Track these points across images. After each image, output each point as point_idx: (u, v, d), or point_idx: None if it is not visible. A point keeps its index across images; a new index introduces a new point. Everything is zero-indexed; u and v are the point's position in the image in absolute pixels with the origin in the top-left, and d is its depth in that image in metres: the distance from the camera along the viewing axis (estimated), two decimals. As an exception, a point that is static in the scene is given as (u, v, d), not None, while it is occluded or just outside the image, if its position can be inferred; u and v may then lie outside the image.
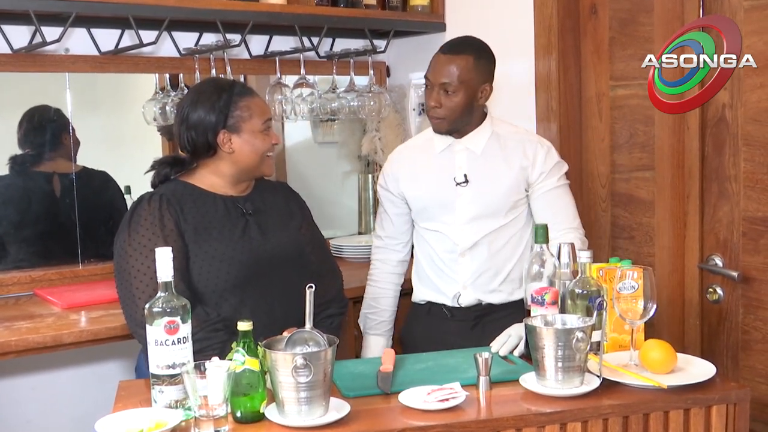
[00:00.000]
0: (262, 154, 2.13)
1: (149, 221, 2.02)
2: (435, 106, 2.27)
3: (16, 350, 2.22)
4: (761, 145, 2.28)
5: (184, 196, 2.09)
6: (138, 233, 2.01)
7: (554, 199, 2.32)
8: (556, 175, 2.33)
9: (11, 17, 2.56)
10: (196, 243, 2.05)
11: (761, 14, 2.25)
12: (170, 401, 1.69)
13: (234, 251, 2.06)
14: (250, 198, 2.18)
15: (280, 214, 2.22)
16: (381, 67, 3.48)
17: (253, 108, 2.12)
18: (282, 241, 2.16)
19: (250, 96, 2.14)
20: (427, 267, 2.39)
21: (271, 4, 2.86)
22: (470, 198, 2.30)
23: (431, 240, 2.37)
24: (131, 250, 2.00)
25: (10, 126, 2.80)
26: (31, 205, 2.82)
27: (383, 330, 2.47)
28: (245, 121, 2.09)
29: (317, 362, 1.59)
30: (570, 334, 1.72)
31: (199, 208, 2.09)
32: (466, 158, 2.33)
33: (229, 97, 2.10)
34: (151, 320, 1.68)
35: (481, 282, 2.32)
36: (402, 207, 2.43)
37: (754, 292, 2.33)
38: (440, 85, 2.25)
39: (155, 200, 2.06)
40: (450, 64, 2.24)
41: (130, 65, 2.91)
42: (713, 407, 1.77)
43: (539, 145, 2.34)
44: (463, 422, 1.65)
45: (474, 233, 2.30)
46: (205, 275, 2.04)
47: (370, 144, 3.43)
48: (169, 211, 2.04)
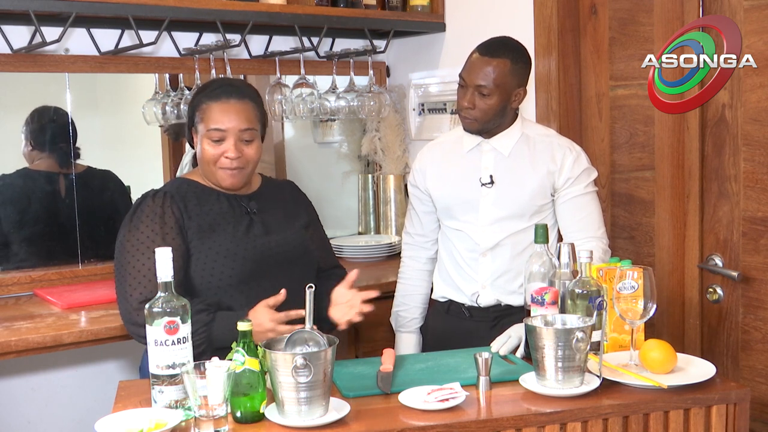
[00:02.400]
0: (209, 163, 2.06)
1: (150, 218, 2.02)
2: (468, 107, 2.24)
3: (16, 350, 2.22)
4: (761, 145, 2.28)
5: (188, 194, 2.09)
6: (138, 230, 2.02)
7: (580, 206, 2.28)
8: (584, 182, 2.29)
9: (11, 17, 2.56)
10: (200, 240, 2.04)
11: (761, 14, 2.25)
12: (170, 401, 1.69)
13: (238, 248, 2.06)
14: (254, 197, 2.18)
15: (285, 213, 2.21)
16: (381, 67, 3.48)
17: (208, 112, 2.05)
18: (286, 239, 2.15)
19: (216, 100, 2.05)
20: (449, 265, 2.39)
21: (271, 4, 2.86)
22: (494, 199, 2.29)
23: (454, 239, 2.37)
24: (129, 246, 2.01)
25: (10, 126, 2.80)
26: (31, 205, 2.82)
27: (414, 327, 2.48)
28: (199, 124, 2.08)
29: (317, 362, 1.59)
30: (570, 334, 1.72)
31: (203, 206, 2.08)
32: (493, 159, 2.31)
33: (200, 96, 2.10)
34: (151, 320, 1.68)
35: (501, 283, 2.31)
36: (429, 205, 2.42)
37: (754, 292, 2.33)
38: (475, 86, 2.22)
39: (159, 197, 2.06)
40: (487, 66, 2.21)
41: (130, 65, 2.91)
42: (713, 407, 1.77)
43: (568, 149, 2.30)
44: (463, 422, 1.65)
45: (496, 234, 2.29)
46: (209, 271, 2.03)
47: (370, 144, 3.43)
48: (172, 209, 2.04)
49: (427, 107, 3.40)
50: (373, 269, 3.04)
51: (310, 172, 3.48)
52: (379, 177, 3.49)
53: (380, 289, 2.80)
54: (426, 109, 3.40)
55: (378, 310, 2.77)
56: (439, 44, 3.29)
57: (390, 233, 3.44)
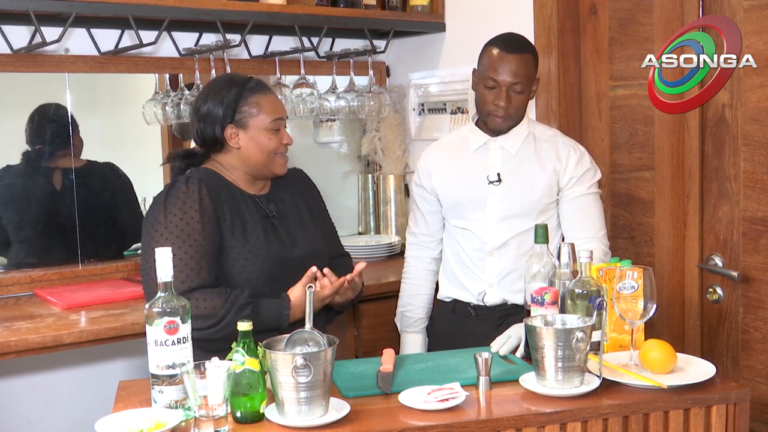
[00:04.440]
0: (270, 153, 2.10)
1: (188, 204, 1.99)
2: (506, 106, 2.23)
3: (16, 350, 2.22)
4: (761, 145, 2.28)
5: (219, 185, 2.08)
6: (173, 214, 1.98)
7: (582, 206, 2.29)
8: (587, 182, 2.30)
9: (11, 17, 2.56)
10: (232, 235, 2.04)
11: (761, 14, 2.25)
12: (170, 401, 1.69)
13: (269, 248, 2.07)
14: (271, 198, 2.17)
15: (300, 214, 2.21)
16: (381, 67, 3.48)
17: (263, 105, 2.09)
18: (305, 242, 2.16)
19: (261, 92, 2.11)
20: (454, 265, 2.39)
21: (271, 4, 2.86)
22: (501, 197, 2.30)
23: (460, 238, 2.37)
24: (162, 229, 1.97)
25: (10, 126, 2.80)
26: (31, 205, 2.82)
27: (420, 327, 2.48)
28: (252, 118, 2.08)
29: (317, 362, 1.59)
30: (570, 334, 1.72)
31: (233, 199, 2.08)
32: (500, 157, 2.32)
33: (240, 91, 2.08)
34: (151, 320, 1.68)
35: (507, 282, 2.31)
36: (434, 204, 2.43)
37: (754, 292, 2.33)
38: (510, 84, 2.22)
39: (193, 182, 2.03)
40: (520, 63, 2.22)
41: (129, 65, 2.91)
42: (713, 407, 1.77)
43: (573, 149, 2.32)
44: (463, 422, 1.65)
45: (503, 233, 2.30)
46: (239, 269, 2.03)
47: (370, 144, 3.43)
48: (210, 196, 2.02)
49: (427, 107, 3.40)
50: (373, 269, 3.03)
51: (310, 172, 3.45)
52: (379, 177, 3.49)
53: (380, 289, 2.81)
54: (426, 109, 3.40)
55: (378, 310, 2.80)
56: (439, 44, 3.29)
57: (390, 233, 3.44)
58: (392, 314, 2.58)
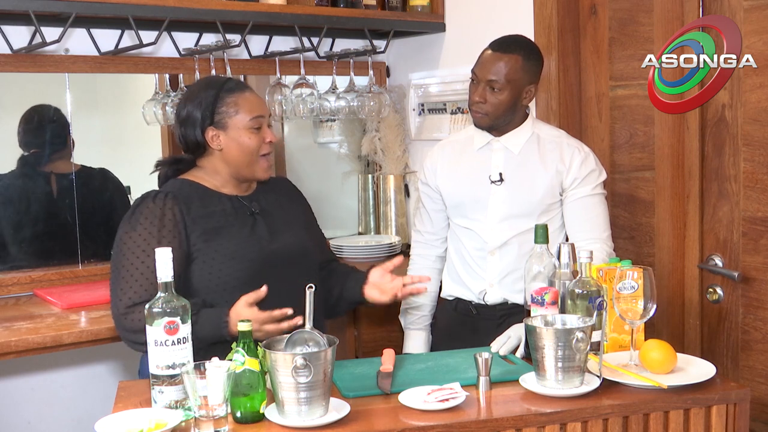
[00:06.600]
0: (252, 153, 2.08)
1: (149, 220, 2.00)
2: (479, 102, 2.26)
3: (16, 350, 2.22)
4: (761, 145, 2.28)
5: (191, 195, 2.07)
6: (135, 231, 2.00)
7: (586, 207, 2.29)
8: (591, 183, 2.30)
9: (11, 17, 2.56)
10: (205, 242, 2.03)
11: (761, 14, 2.25)
12: (170, 401, 1.69)
13: (245, 249, 2.05)
14: (255, 197, 2.17)
15: (285, 213, 2.21)
16: (381, 67, 3.48)
17: (241, 104, 2.07)
18: (289, 240, 2.15)
19: (239, 91, 2.09)
20: (457, 263, 2.40)
21: (271, 4, 2.86)
22: (503, 197, 2.30)
23: (462, 237, 2.38)
24: (124, 246, 1.99)
25: (9, 126, 2.80)
26: (31, 206, 2.82)
27: (424, 324, 2.49)
28: (231, 117, 2.07)
29: (317, 362, 1.59)
30: (570, 334, 1.72)
31: (206, 207, 2.07)
32: (503, 157, 2.32)
33: (217, 92, 2.08)
34: (151, 320, 1.68)
35: (508, 281, 2.31)
36: (439, 203, 2.44)
37: (754, 292, 2.33)
38: (487, 81, 2.24)
39: (160, 198, 2.04)
40: (499, 61, 2.23)
41: (129, 65, 2.91)
42: (713, 407, 1.77)
43: (577, 150, 2.31)
44: (463, 422, 1.65)
45: (505, 232, 2.30)
46: (216, 273, 2.02)
47: (370, 144, 3.43)
48: (173, 211, 2.02)
49: (427, 107, 3.40)
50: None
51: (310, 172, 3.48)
52: (379, 177, 3.49)
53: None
54: (426, 109, 3.40)
55: (378, 310, 2.79)
56: (439, 44, 3.28)
57: (390, 233, 3.44)
58: (392, 314, 2.58)
